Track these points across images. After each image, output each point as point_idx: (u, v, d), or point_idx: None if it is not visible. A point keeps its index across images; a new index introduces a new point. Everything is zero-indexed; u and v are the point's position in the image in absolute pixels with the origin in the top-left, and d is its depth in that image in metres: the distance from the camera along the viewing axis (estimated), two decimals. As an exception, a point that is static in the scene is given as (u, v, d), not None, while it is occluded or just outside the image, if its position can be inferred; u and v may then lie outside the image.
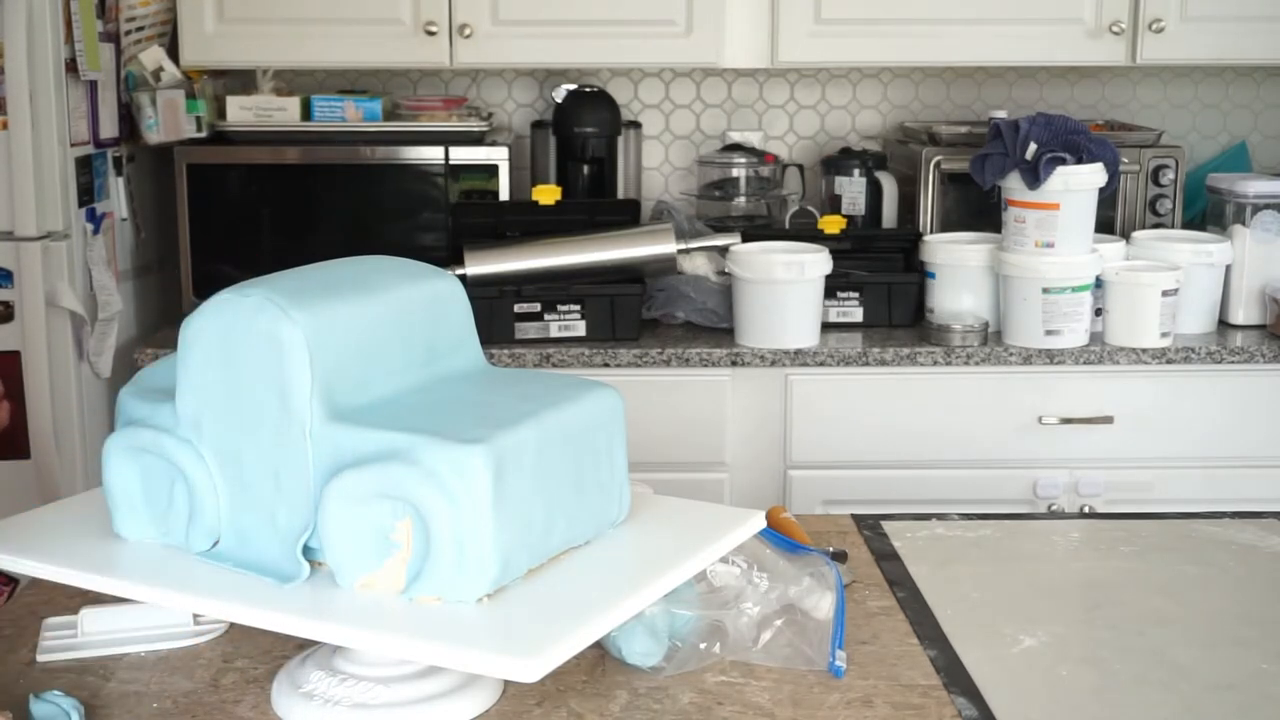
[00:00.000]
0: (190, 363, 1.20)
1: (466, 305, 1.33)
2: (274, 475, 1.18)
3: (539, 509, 1.18)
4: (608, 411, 1.28)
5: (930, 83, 3.33)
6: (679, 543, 1.27)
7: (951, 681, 1.29)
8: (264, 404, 1.17)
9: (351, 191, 2.91)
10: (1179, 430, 2.75)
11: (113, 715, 1.22)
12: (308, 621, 1.12)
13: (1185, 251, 2.82)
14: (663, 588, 1.20)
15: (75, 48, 2.60)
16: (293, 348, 1.15)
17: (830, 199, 3.15)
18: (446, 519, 1.11)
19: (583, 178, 3.10)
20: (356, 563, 1.15)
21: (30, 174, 2.50)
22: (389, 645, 1.10)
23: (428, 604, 1.13)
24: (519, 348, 2.72)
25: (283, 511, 1.18)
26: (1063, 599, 1.53)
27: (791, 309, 2.71)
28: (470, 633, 1.10)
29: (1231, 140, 3.36)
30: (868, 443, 2.73)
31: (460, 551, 1.12)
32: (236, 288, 1.19)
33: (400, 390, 1.23)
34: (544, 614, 1.12)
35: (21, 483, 2.52)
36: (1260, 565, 1.61)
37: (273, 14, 2.88)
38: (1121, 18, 2.91)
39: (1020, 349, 2.73)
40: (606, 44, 2.92)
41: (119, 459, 1.24)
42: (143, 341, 2.86)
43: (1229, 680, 1.32)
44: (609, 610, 1.14)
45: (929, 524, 1.73)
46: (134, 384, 1.30)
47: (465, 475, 1.11)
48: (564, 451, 1.21)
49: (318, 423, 1.15)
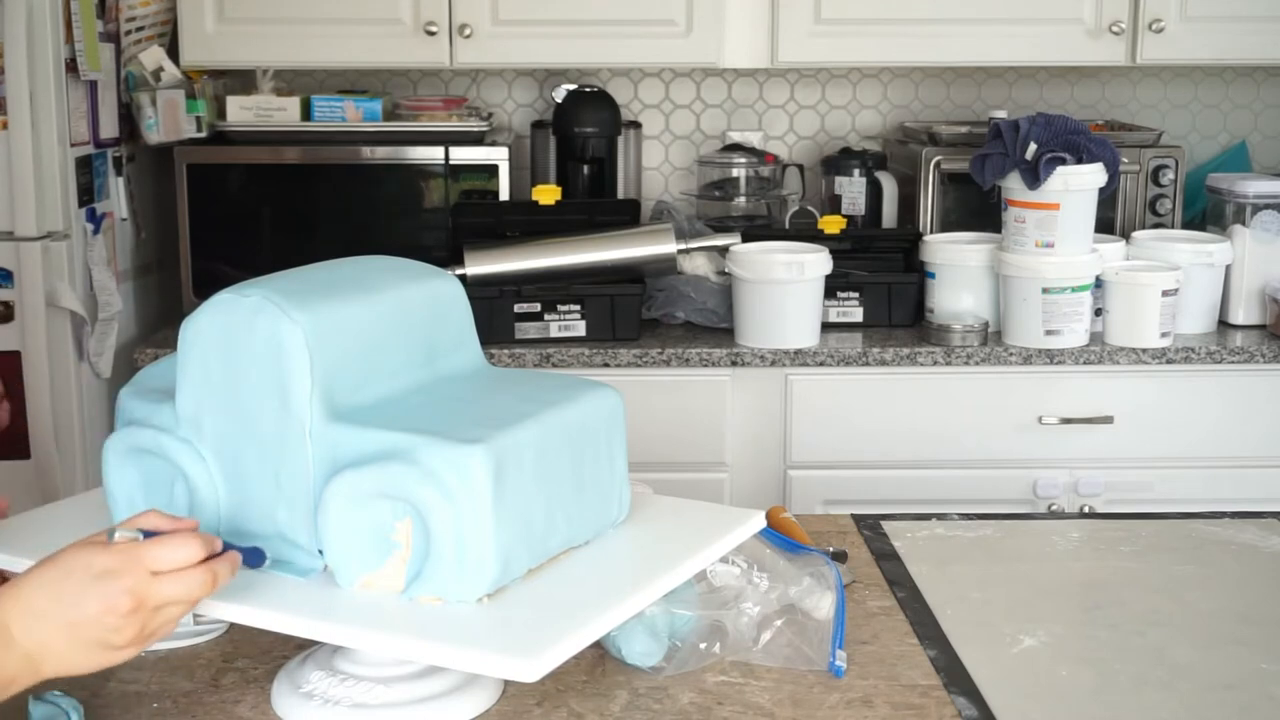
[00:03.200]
0: (190, 363, 1.20)
1: (466, 305, 1.33)
2: (274, 475, 1.18)
3: (539, 509, 1.18)
4: (608, 411, 1.28)
5: (930, 83, 3.33)
6: (679, 543, 1.27)
7: (951, 681, 1.29)
8: (264, 404, 1.17)
9: (351, 191, 2.91)
10: (1179, 430, 2.75)
11: (112, 715, 1.22)
12: (309, 621, 1.12)
13: (1185, 251, 2.82)
14: (663, 588, 1.20)
15: (75, 48, 2.60)
16: (293, 348, 1.15)
17: (830, 199, 3.15)
18: (447, 519, 1.11)
19: (583, 178, 3.10)
20: (357, 562, 1.15)
21: (30, 174, 2.50)
22: (389, 645, 1.10)
23: (428, 604, 1.13)
24: (519, 348, 2.72)
25: (283, 511, 1.18)
26: (1063, 599, 1.53)
27: (791, 309, 2.71)
28: (470, 633, 1.10)
29: (1231, 140, 3.36)
30: (868, 443, 2.73)
31: (460, 551, 1.12)
32: (236, 288, 1.19)
33: (400, 390, 1.23)
34: (544, 614, 1.12)
35: (21, 483, 2.52)
36: (1260, 565, 1.61)
37: (273, 14, 2.88)
38: (1121, 18, 2.91)
39: (1020, 349, 2.73)
40: (606, 44, 2.92)
41: (119, 460, 1.25)
42: (143, 341, 2.86)
43: (1229, 680, 1.32)
44: (609, 610, 1.14)
45: (929, 524, 1.73)
46: (133, 384, 1.30)
47: (465, 475, 1.11)
48: (564, 451, 1.21)
49: (318, 423, 1.15)
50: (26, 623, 1.04)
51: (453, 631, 1.10)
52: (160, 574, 1.06)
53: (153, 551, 1.07)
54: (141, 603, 1.05)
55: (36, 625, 1.04)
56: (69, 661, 1.05)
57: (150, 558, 1.06)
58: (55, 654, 1.04)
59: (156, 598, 1.06)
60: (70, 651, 1.05)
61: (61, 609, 1.04)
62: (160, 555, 1.06)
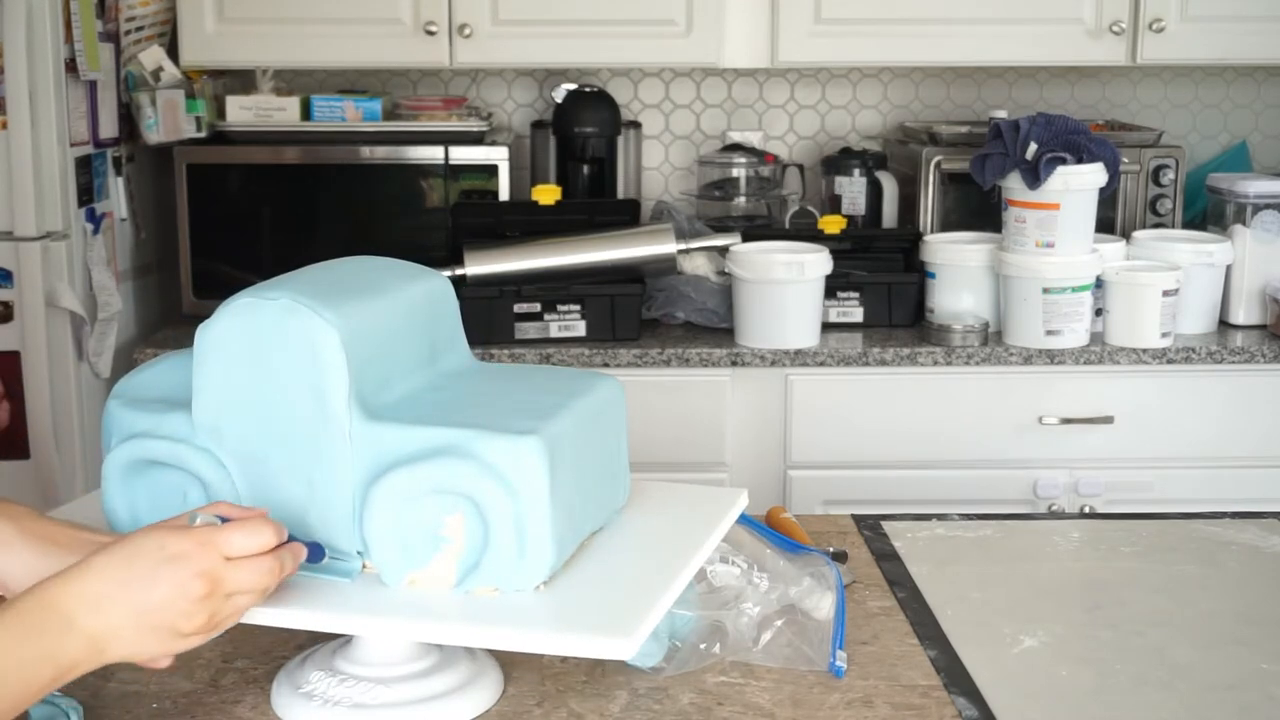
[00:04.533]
0: (209, 368, 1.18)
1: (456, 304, 1.34)
2: (306, 479, 1.17)
3: (576, 496, 1.20)
4: (614, 400, 1.31)
5: (930, 83, 3.32)
6: (689, 518, 1.31)
7: (951, 681, 1.29)
8: (296, 406, 1.16)
9: (351, 191, 2.91)
10: (1179, 430, 2.75)
11: (112, 715, 1.22)
12: (404, 623, 1.13)
13: (1185, 251, 2.82)
14: (701, 558, 1.25)
15: (75, 48, 2.60)
16: (328, 348, 1.14)
17: (830, 199, 3.15)
18: (506, 510, 1.12)
19: (583, 178, 3.10)
20: (404, 560, 1.15)
21: (30, 174, 2.50)
22: (487, 639, 1.12)
23: (485, 595, 1.14)
24: (519, 348, 2.71)
25: (316, 514, 1.17)
26: (1063, 599, 1.53)
27: (791, 309, 2.71)
28: (556, 618, 1.11)
29: (1232, 140, 3.36)
30: (868, 443, 2.73)
31: (520, 541, 1.13)
32: (254, 291, 1.17)
33: (416, 388, 1.23)
34: (609, 594, 1.15)
35: (21, 483, 2.52)
36: (1261, 565, 1.61)
37: (273, 14, 2.88)
38: (1122, 18, 2.91)
39: (1020, 349, 2.72)
40: (606, 44, 2.92)
41: (121, 475, 1.22)
42: (142, 341, 2.86)
43: (1229, 680, 1.32)
44: (670, 582, 1.17)
45: (929, 524, 1.73)
46: (121, 395, 1.26)
47: (523, 466, 1.12)
48: (591, 439, 1.24)
49: (357, 423, 1.15)
50: (92, 606, 1.01)
51: (538, 618, 1.11)
52: (233, 560, 1.05)
53: (228, 536, 1.05)
54: (215, 588, 1.03)
55: (103, 608, 1.01)
56: (135, 647, 1.03)
57: (225, 542, 1.05)
58: (121, 638, 1.02)
59: (230, 584, 1.04)
60: (137, 636, 1.02)
61: (129, 592, 1.02)
62: (235, 540, 1.05)
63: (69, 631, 1.00)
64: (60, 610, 1.01)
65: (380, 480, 1.14)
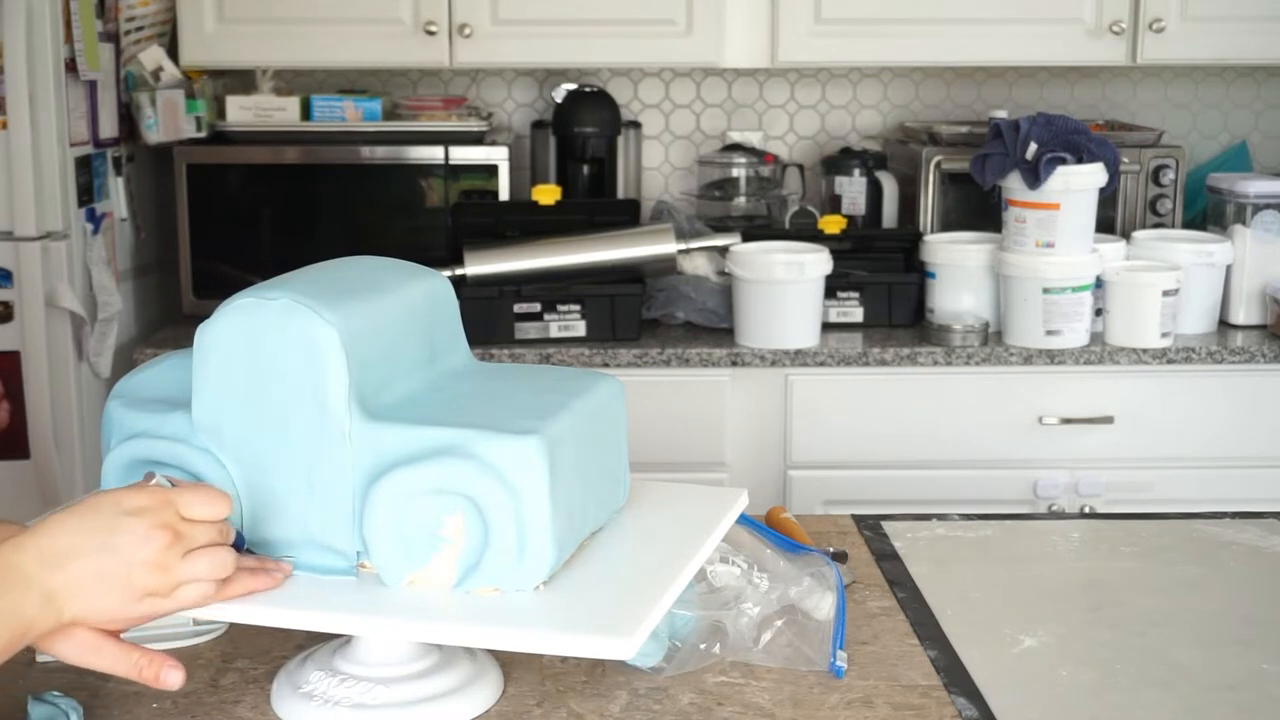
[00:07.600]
0: (209, 369, 1.18)
1: (456, 304, 1.34)
2: (306, 479, 1.17)
3: (576, 496, 1.20)
4: (614, 399, 1.31)
5: (930, 83, 3.32)
6: (689, 518, 1.31)
7: (951, 682, 1.29)
8: (296, 407, 1.15)
9: (351, 191, 2.91)
10: (1179, 430, 2.75)
11: (112, 715, 1.22)
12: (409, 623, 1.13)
13: (1185, 251, 2.82)
14: (701, 558, 1.24)
15: (75, 48, 2.60)
16: (329, 349, 1.14)
17: (830, 199, 3.15)
18: (507, 510, 1.12)
19: (583, 178, 3.10)
20: (405, 560, 1.15)
21: (30, 174, 2.50)
22: (487, 638, 1.12)
23: (485, 595, 1.14)
24: (519, 348, 2.71)
25: (315, 515, 1.17)
26: (1063, 599, 1.53)
27: (791, 309, 2.71)
28: (556, 618, 1.11)
29: (1232, 140, 3.36)
30: (868, 443, 2.73)
31: (521, 541, 1.13)
32: (254, 291, 1.17)
33: (416, 388, 1.23)
34: (608, 593, 1.15)
35: (21, 483, 2.52)
36: (1261, 565, 1.61)
37: (273, 14, 2.88)
38: (1122, 18, 2.91)
39: (1020, 349, 2.72)
40: (606, 44, 2.92)
41: (120, 476, 1.21)
42: (142, 341, 2.86)
43: (1230, 680, 1.32)
44: (670, 582, 1.17)
45: (929, 524, 1.73)
46: (120, 396, 1.26)
47: (524, 466, 1.12)
48: (591, 439, 1.23)
49: (357, 423, 1.15)
50: (50, 561, 1.02)
51: (537, 618, 1.11)
52: (190, 522, 1.07)
53: (183, 494, 1.07)
54: (175, 541, 1.05)
55: (61, 564, 1.02)
56: (92, 602, 1.03)
57: (180, 500, 1.07)
58: (78, 594, 1.02)
59: (189, 540, 1.06)
60: (95, 589, 1.03)
61: (89, 541, 1.03)
62: (190, 499, 1.07)
63: (29, 589, 1.01)
64: (18, 568, 1.01)
65: (380, 480, 1.14)
